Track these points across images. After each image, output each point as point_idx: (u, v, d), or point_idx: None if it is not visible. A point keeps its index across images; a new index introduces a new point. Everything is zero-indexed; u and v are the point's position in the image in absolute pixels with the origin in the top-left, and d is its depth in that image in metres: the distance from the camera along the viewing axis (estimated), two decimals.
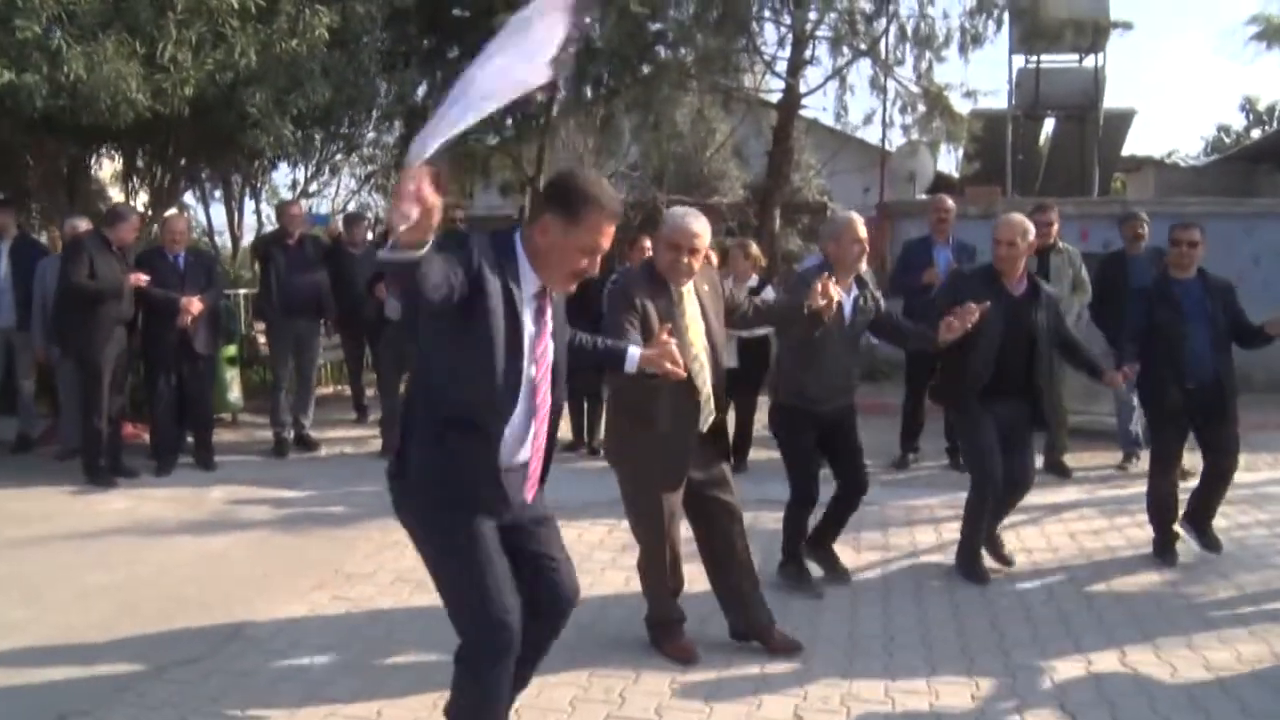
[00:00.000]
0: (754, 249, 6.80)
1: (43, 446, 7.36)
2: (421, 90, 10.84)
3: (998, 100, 14.34)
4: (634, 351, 3.08)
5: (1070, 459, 6.93)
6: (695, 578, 3.98)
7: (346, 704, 3.39)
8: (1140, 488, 5.28)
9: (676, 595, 3.87)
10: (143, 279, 6.39)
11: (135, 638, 3.94)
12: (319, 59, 7.85)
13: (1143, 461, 6.26)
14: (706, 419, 3.66)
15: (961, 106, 10.74)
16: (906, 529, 5.58)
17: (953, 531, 5.12)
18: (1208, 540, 5.02)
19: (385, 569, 4.78)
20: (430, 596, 4.50)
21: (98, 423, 6.36)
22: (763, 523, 5.04)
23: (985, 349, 4.50)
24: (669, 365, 2.96)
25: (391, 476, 2.66)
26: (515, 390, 2.53)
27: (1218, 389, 4.86)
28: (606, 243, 2.51)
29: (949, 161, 14.20)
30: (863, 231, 4.33)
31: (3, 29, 6.56)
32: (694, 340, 3.58)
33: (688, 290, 3.62)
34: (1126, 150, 16.68)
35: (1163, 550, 5.00)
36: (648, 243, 7.70)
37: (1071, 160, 14.04)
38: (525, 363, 2.52)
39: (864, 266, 4.46)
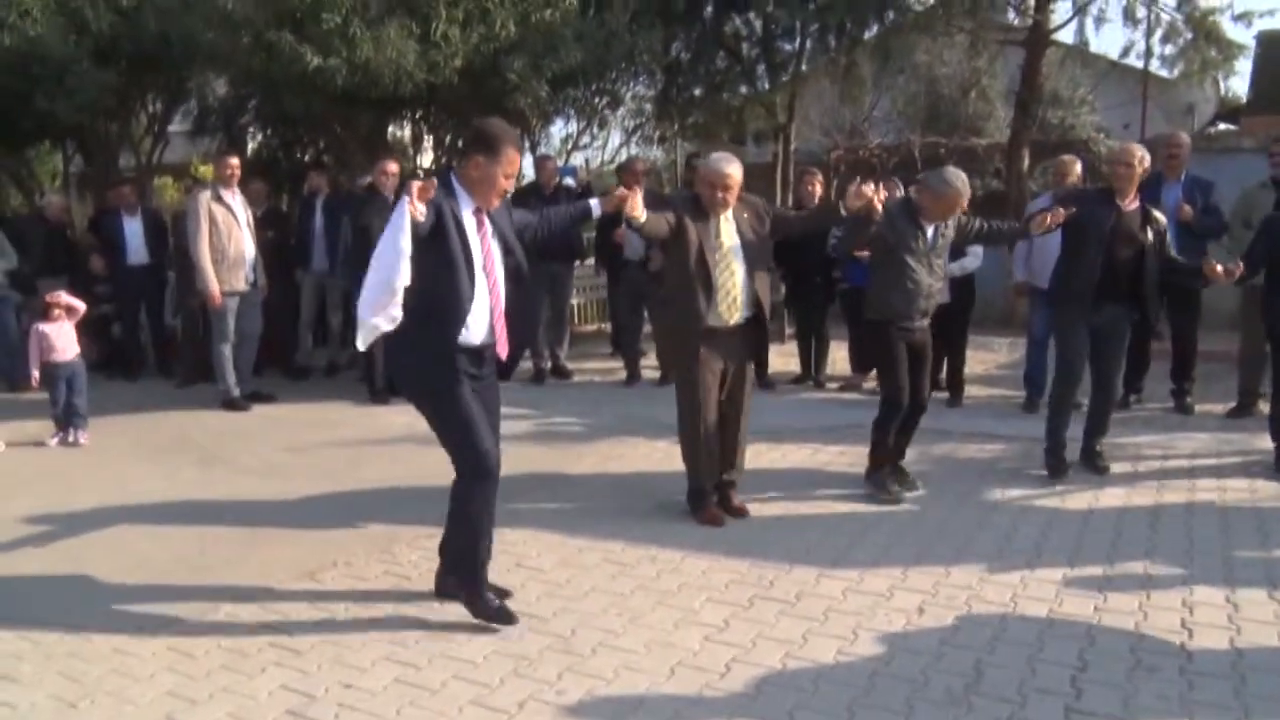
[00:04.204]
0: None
1: (349, 371, 8.80)
2: (676, 46, 11.45)
3: None
4: (593, 201, 4.28)
5: None
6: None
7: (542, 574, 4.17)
8: None
9: (711, 469, 4.70)
10: None
11: (396, 516, 4.91)
12: (571, 25, 8.66)
13: None
14: (731, 313, 4.57)
15: (1238, 34, 9.91)
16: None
17: (1147, 467, 5.39)
18: None
19: (604, 476, 5.56)
20: (631, 495, 5.19)
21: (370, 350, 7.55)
22: (970, 453, 5.76)
23: (1094, 250, 5.09)
24: (620, 200, 4.08)
25: (392, 373, 4.01)
26: (473, 281, 3.46)
27: None
28: (516, 165, 3.52)
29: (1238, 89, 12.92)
30: (954, 190, 4.81)
31: (312, 21, 7.84)
32: (728, 254, 4.56)
33: (725, 218, 4.59)
34: None
35: None
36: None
37: None
38: (476, 261, 3.46)
39: None
